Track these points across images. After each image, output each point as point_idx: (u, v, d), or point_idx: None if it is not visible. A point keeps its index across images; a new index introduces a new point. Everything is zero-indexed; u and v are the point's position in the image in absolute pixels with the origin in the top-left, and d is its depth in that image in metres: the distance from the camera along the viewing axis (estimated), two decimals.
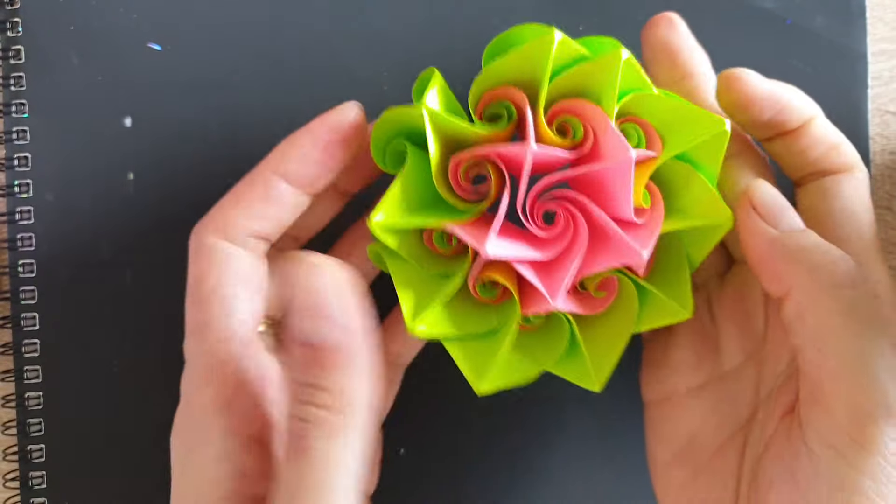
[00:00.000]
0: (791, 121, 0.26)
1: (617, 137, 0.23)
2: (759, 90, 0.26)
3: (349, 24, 0.33)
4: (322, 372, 0.23)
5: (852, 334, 0.23)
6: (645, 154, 0.24)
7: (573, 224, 0.24)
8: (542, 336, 0.26)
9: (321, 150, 0.26)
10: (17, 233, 0.32)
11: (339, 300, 0.24)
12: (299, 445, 0.22)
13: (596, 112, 0.23)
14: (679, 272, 0.25)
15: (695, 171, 0.25)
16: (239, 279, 0.25)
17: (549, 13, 0.33)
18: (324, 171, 0.26)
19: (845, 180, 0.27)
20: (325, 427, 0.22)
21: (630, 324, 0.25)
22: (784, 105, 0.26)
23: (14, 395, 0.32)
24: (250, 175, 0.26)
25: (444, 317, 0.25)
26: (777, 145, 0.27)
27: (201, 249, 0.25)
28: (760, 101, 0.26)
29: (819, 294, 0.23)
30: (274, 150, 0.26)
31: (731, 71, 0.26)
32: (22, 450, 0.32)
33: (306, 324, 0.24)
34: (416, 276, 0.25)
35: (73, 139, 0.32)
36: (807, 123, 0.27)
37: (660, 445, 0.29)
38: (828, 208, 0.26)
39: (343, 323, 0.23)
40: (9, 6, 0.32)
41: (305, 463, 0.22)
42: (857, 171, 0.27)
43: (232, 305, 0.25)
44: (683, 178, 0.25)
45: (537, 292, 0.24)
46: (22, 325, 0.32)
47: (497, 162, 0.24)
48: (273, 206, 0.26)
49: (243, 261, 0.25)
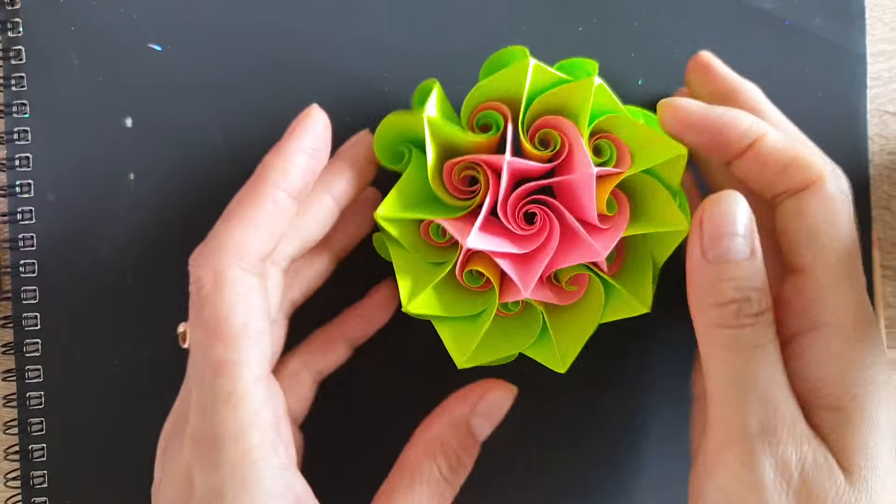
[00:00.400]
0: (732, 143, 0.26)
1: (584, 154, 0.26)
2: (692, 116, 0.27)
3: (349, 26, 0.33)
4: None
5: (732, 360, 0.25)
6: (607, 171, 0.27)
7: (549, 224, 0.27)
8: (519, 322, 0.29)
9: (310, 158, 0.26)
10: (19, 233, 0.32)
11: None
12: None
13: (571, 128, 0.27)
14: (643, 272, 0.28)
15: (659, 185, 0.27)
16: (264, 314, 0.25)
17: (548, 16, 0.33)
18: (312, 178, 0.27)
19: (807, 197, 0.26)
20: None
21: (596, 315, 0.28)
22: (720, 128, 0.26)
23: (15, 394, 0.32)
24: (253, 194, 0.25)
25: (435, 299, 0.28)
26: (735, 168, 0.27)
27: (223, 282, 0.24)
28: (694, 127, 0.27)
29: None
30: (269, 166, 0.26)
31: (665, 101, 0.27)
32: (23, 449, 0.32)
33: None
34: (414, 263, 0.28)
35: (74, 139, 0.32)
36: (753, 144, 0.26)
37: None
38: (793, 230, 0.26)
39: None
40: (9, 6, 0.33)
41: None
42: (821, 184, 0.26)
43: (265, 343, 0.24)
44: (650, 190, 0.28)
45: (514, 283, 0.27)
46: (23, 325, 0.32)
47: (485, 167, 0.27)
48: (280, 223, 0.26)
49: (263, 293, 0.25)
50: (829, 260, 0.26)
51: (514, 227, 0.27)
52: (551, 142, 0.28)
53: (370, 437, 0.32)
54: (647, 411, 0.33)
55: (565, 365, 0.28)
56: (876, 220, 0.34)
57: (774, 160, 0.26)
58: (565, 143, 0.27)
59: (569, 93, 0.27)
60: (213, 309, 0.24)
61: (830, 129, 0.33)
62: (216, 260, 0.24)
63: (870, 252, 0.33)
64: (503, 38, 0.33)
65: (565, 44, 0.32)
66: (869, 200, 0.33)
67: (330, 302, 0.32)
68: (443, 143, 0.28)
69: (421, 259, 0.29)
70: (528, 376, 0.29)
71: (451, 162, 0.28)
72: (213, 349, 0.23)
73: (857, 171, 0.33)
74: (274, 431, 0.24)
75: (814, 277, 0.26)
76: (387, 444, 0.28)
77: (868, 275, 0.33)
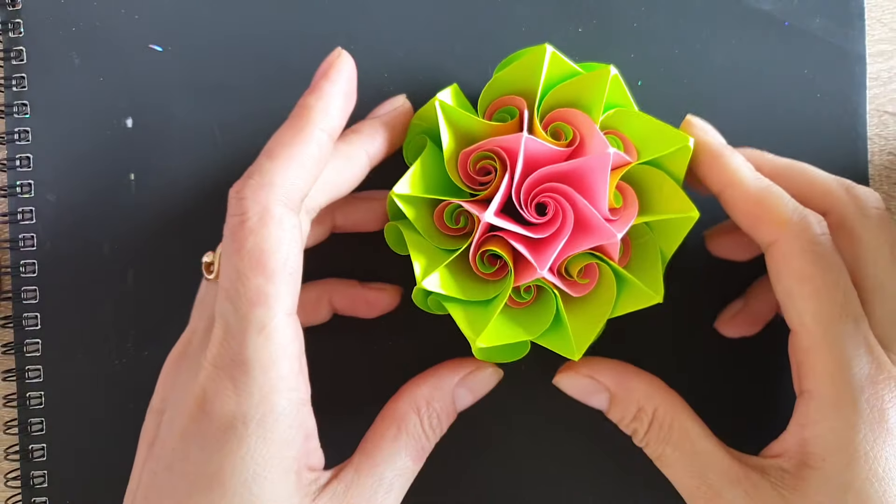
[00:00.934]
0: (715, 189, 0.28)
1: (600, 137, 0.27)
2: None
3: (349, 26, 0.33)
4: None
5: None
6: (621, 156, 0.28)
7: (562, 212, 0.28)
8: (531, 312, 0.30)
9: (347, 100, 0.27)
10: (19, 233, 0.32)
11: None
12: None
13: (585, 119, 0.28)
14: (653, 265, 0.29)
15: (665, 176, 0.28)
16: (300, 254, 0.25)
17: (548, 17, 0.33)
18: (346, 121, 0.27)
19: (773, 256, 0.26)
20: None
21: (608, 307, 0.29)
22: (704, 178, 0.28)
23: (16, 394, 0.32)
24: (297, 133, 0.25)
25: (449, 279, 0.29)
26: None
27: (270, 217, 0.24)
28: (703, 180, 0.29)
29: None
30: (311, 107, 0.26)
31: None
32: (23, 449, 0.32)
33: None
34: (428, 247, 0.29)
35: (75, 140, 0.33)
36: (720, 195, 0.28)
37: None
38: (776, 289, 0.27)
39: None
40: (10, 7, 0.33)
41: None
42: (784, 240, 0.26)
43: (298, 281, 0.25)
44: (657, 183, 0.29)
45: (528, 266, 0.27)
46: (24, 325, 0.32)
47: (501, 154, 0.28)
48: (322, 163, 0.26)
49: (300, 232, 0.25)
50: (805, 321, 0.25)
51: (528, 214, 0.28)
52: (563, 135, 0.28)
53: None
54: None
55: (580, 352, 0.28)
56: None
57: (744, 218, 0.27)
58: (576, 136, 0.28)
59: (584, 83, 0.28)
60: (258, 242, 0.24)
61: (830, 129, 0.33)
62: (263, 195, 0.24)
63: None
64: (503, 39, 0.33)
65: (565, 45, 0.33)
66: None
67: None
68: (459, 131, 0.29)
69: (434, 245, 0.29)
70: (532, 374, 0.29)
71: (467, 150, 0.28)
72: (252, 281, 0.24)
73: (857, 172, 0.33)
74: (298, 365, 0.25)
75: (797, 339, 0.26)
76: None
77: None
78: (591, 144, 0.27)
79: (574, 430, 0.33)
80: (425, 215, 0.29)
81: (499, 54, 0.32)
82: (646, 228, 0.29)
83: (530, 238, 0.28)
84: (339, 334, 0.32)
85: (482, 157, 0.28)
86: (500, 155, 0.28)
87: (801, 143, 0.33)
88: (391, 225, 0.30)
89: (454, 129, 0.28)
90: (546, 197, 0.28)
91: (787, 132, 0.33)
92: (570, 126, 0.28)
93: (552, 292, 0.29)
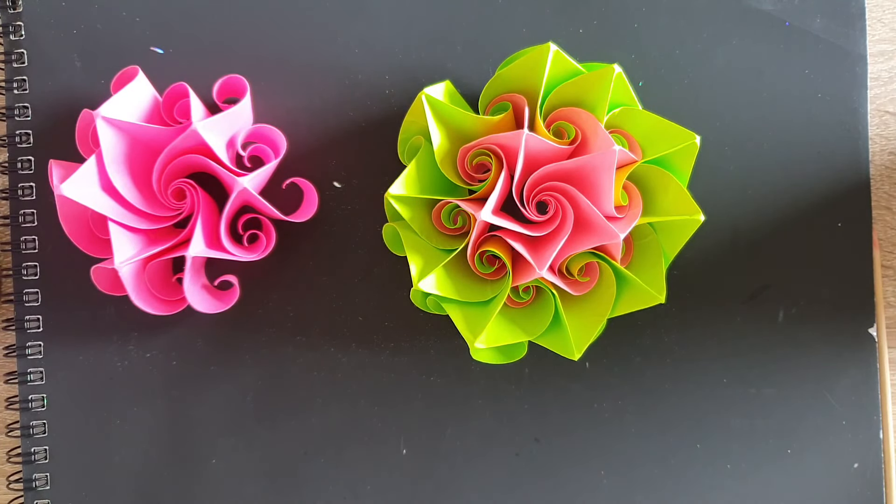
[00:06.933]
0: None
1: (605, 135, 0.27)
2: None
3: (350, 28, 0.33)
4: None
5: None
6: (627, 154, 0.27)
7: (562, 211, 0.28)
8: (530, 312, 0.30)
9: None
10: (21, 235, 0.32)
11: None
12: None
13: (589, 117, 0.28)
14: (655, 263, 0.29)
15: (671, 176, 0.28)
16: None
17: (548, 18, 0.33)
18: None
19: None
20: None
21: (608, 306, 0.29)
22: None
23: (18, 397, 0.32)
24: None
25: (446, 279, 0.29)
26: None
27: None
28: None
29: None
30: None
31: None
32: (26, 451, 0.32)
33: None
34: (425, 247, 0.29)
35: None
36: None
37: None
38: None
39: None
40: (12, 10, 0.33)
41: None
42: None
43: None
44: (662, 183, 0.28)
45: (528, 265, 0.27)
46: (26, 328, 0.32)
47: (498, 152, 0.28)
48: None
49: None
50: None
51: (529, 212, 0.28)
52: (565, 134, 0.28)
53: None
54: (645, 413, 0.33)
55: (579, 352, 0.28)
56: (876, 220, 0.34)
57: None
58: (578, 135, 0.28)
59: (588, 82, 0.28)
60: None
61: (831, 129, 0.33)
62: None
63: (870, 252, 0.33)
64: (504, 39, 0.33)
65: (566, 46, 0.33)
66: (869, 200, 0.33)
67: (334, 290, 0.32)
68: (452, 128, 0.29)
69: (431, 245, 0.29)
70: (533, 374, 0.29)
71: (466, 147, 0.28)
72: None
73: (857, 172, 0.33)
74: None
75: None
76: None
77: (868, 275, 0.33)
78: (595, 142, 0.27)
79: (575, 429, 0.33)
80: (422, 216, 0.29)
81: (499, 55, 0.32)
82: (649, 229, 0.29)
83: (530, 237, 0.28)
84: (339, 334, 0.32)
85: (479, 154, 0.28)
86: (497, 152, 0.28)
87: (802, 143, 0.33)
88: (388, 226, 0.30)
89: (445, 125, 0.28)
90: (547, 195, 0.28)
91: (787, 132, 0.33)
92: (573, 125, 0.28)
93: (552, 295, 0.29)
